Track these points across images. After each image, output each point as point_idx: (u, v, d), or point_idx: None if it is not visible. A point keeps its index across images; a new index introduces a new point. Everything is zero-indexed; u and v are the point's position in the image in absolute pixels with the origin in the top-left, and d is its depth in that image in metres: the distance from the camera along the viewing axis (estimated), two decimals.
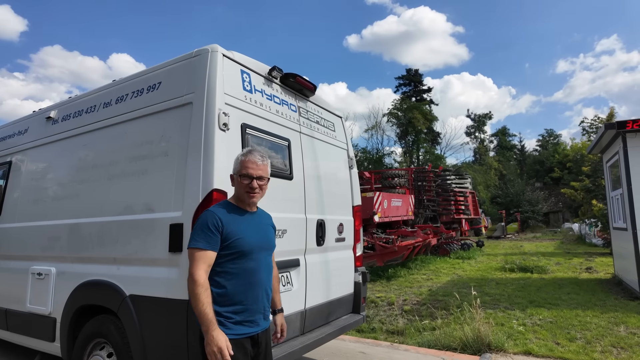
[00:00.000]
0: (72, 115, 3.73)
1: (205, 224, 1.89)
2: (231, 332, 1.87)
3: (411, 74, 47.00)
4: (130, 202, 2.99)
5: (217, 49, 2.86)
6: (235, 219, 1.98)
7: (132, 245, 2.91)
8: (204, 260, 1.86)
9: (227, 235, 1.91)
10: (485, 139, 53.28)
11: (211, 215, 1.92)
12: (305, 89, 3.71)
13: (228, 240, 1.91)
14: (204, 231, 1.88)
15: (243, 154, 2.07)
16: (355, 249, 4.26)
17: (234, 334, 1.87)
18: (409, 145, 43.16)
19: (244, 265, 1.95)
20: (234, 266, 1.93)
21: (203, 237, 1.88)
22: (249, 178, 2.00)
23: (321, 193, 3.80)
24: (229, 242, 1.91)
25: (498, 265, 11.13)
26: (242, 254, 1.94)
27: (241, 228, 1.97)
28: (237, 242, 1.93)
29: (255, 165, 2.02)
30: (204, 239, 1.87)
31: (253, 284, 1.97)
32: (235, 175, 2.05)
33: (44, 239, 3.62)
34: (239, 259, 1.94)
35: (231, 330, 1.88)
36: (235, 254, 1.93)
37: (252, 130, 2.99)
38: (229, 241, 1.92)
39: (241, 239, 1.94)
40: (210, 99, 2.69)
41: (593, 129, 17.08)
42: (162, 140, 2.89)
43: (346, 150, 4.40)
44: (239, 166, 2.04)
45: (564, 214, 38.95)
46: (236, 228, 1.95)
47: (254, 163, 2.02)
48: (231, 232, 1.93)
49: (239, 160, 2.05)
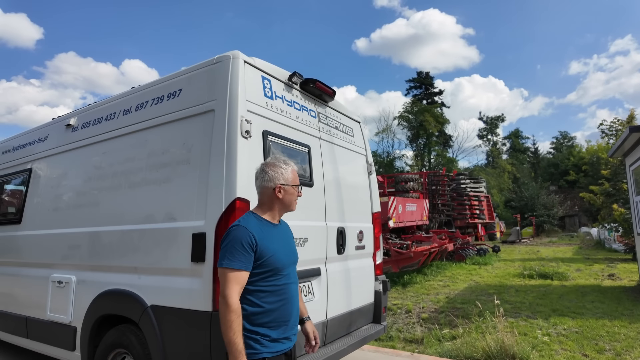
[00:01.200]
0: (91, 123, 3.73)
1: (239, 242, 1.79)
2: (268, 350, 1.82)
3: (422, 77, 46.69)
4: (151, 211, 2.96)
5: (238, 55, 2.82)
6: (267, 234, 1.91)
7: (153, 254, 2.87)
8: (238, 282, 1.77)
9: (260, 253, 1.84)
10: (498, 142, 52.60)
11: (245, 233, 1.82)
12: (325, 94, 3.65)
13: (262, 258, 1.84)
14: (238, 250, 1.78)
15: (286, 163, 2.02)
16: (375, 257, 4.17)
17: (271, 352, 1.83)
18: (420, 149, 42.81)
19: (277, 282, 1.89)
20: (267, 284, 1.86)
21: (237, 256, 1.78)
22: (298, 187, 2.03)
23: (341, 200, 3.73)
24: (262, 260, 1.84)
25: (516, 272, 10.88)
26: (275, 272, 1.88)
27: (273, 244, 1.90)
28: (270, 260, 1.86)
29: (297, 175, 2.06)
30: (239, 258, 1.78)
31: (286, 300, 1.91)
32: (289, 185, 1.97)
33: (64, 246, 3.62)
34: (273, 276, 1.87)
35: (268, 348, 1.83)
36: (269, 272, 1.86)
37: (273, 137, 2.94)
38: (263, 259, 1.84)
39: (274, 256, 1.87)
40: (233, 106, 2.65)
41: (612, 131, 16.66)
42: (184, 148, 2.85)
43: (365, 156, 4.33)
44: (290, 175, 1.99)
45: (580, 218, 38.12)
46: (268, 244, 1.88)
47: (296, 172, 2.05)
48: (264, 249, 1.85)
49: (289, 171, 2.00)
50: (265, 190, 1.96)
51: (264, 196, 1.97)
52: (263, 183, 1.96)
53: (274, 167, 1.97)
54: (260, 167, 2.00)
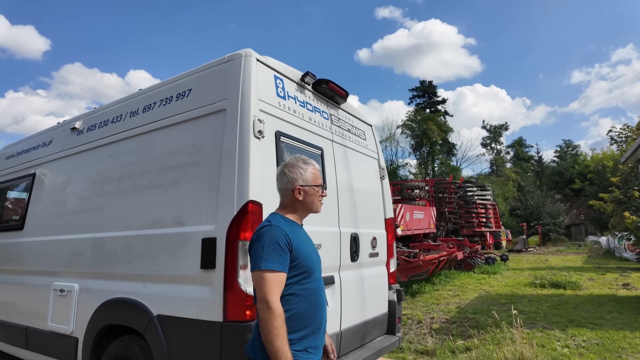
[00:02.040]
0: (97, 126, 3.63)
1: (275, 242, 1.66)
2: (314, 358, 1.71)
3: (425, 86, 46.75)
4: (158, 215, 2.83)
5: (250, 53, 2.72)
6: (297, 234, 1.79)
7: (160, 261, 2.74)
8: (279, 284, 1.63)
9: (296, 254, 1.71)
10: (502, 150, 52.39)
11: (279, 231, 1.69)
12: (338, 96, 3.54)
13: (297, 259, 1.71)
14: (275, 250, 1.64)
15: (306, 162, 1.90)
16: (389, 265, 4.00)
17: None
18: (423, 157, 42.63)
19: (310, 285, 1.75)
20: (301, 287, 1.72)
21: (275, 256, 1.63)
22: (322, 187, 1.91)
23: (354, 205, 3.59)
24: (298, 262, 1.71)
25: (527, 281, 10.63)
26: (308, 274, 1.75)
27: (304, 245, 1.79)
28: (304, 260, 1.74)
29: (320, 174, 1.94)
30: (277, 259, 1.63)
31: (318, 306, 1.78)
32: (308, 186, 1.86)
33: (67, 253, 3.48)
34: (306, 279, 1.74)
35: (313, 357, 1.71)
36: (303, 274, 1.73)
37: (285, 139, 2.82)
38: (298, 260, 1.72)
39: (307, 257, 1.76)
40: (245, 105, 2.53)
41: (622, 137, 16.44)
42: (193, 150, 2.73)
43: (377, 160, 4.20)
44: (310, 176, 1.87)
45: (586, 227, 37.69)
46: (301, 244, 1.76)
47: (319, 172, 1.93)
48: (299, 249, 1.73)
49: (309, 171, 1.88)
50: (286, 192, 1.86)
51: (286, 198, 1.87)
52: (282, 185, 1.86)
53: (292, 168, 1.86)
54: (280, 168, 1.90)
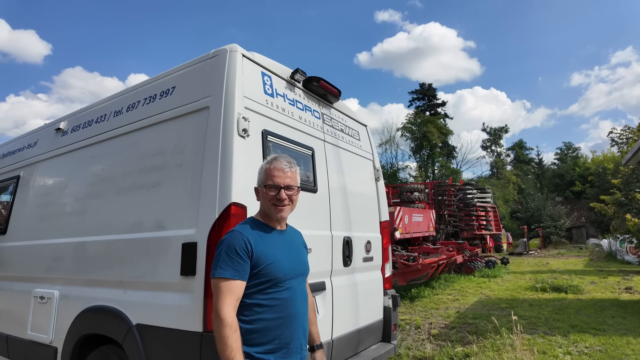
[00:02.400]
0: (81, 126, 3.50)
1: (231, 248, 1.58)
2: None
3: (425, 88, 46.70)
4: (139, 219, 2.70)
5: (236, 48, 2.59)
6: (265, 239, 1.67)
7: (140, 267, 2.60)
8: (233, 293, 1.54)
9: (257, 261, 1.60)
10: (502, 153, 52.25)
11: (238, 237, 1.61)
12: (330, 94, 3.41)
13: (259, 266, 1.60)
14: (230, 256, 1.57)
15: (268, 161, 1.78)
16: (384, 270, 3.86)
17: None
18: (423, 160, 42.51)
19: (278, 295, 1.63)
20: (266, 297, 1.61)
21: (230, 264, 1.56)
22: (275, 188, 1.71)
23: (347, 207, 3.45)
24: (260, 269, 1.60)
25: (528, 285, 10.47)
26: (275, 282, 1.63)
27: (272, 251, 1.66)
28: (269, 268, 1.62)
29: (282, 173, 1.73)
30: (232, 266, 1.56)
31: (288, 317, 1.64)
32: (260, 186, 1.76)
33: (48, 259, 3.34)
34: (272, 287, 1.62)
35: None
36: (268, 283, 1.61)
37: (273, 138, 2.69)
38: (260, 267, 1.60)
39: (273, 263, 1.63)
40: (229, 102, 2.41)
41: (623, 139, 16.30)
42: (176, 150, 2.60)
43: (372, 161, 4.07)
44: (263, 175, 1.75)
45: (587, 230, 37.48)
46: (267, 251, 1.64)
47: (280, 170, 1.73)
48: (262, 256, 1.61)
49: (264, 169, 1.76)
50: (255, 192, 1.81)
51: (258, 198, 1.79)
52: None
53: (260, 166, 1.80)
54: None
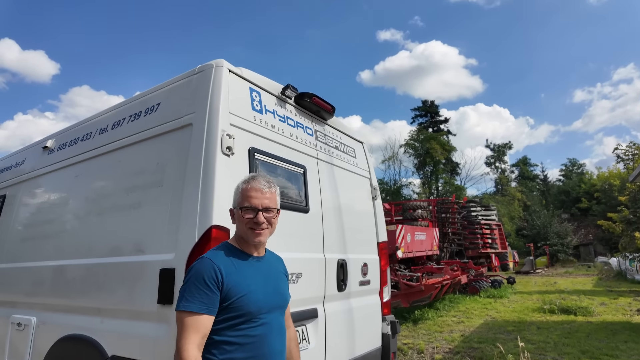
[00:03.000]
0: (67, 144, 3.40)
1: (199, 277, 1.41)
2: None
3: (427, 105, 46.89)
4: (119, 242, 2.55)
5: (222, 63, 2.50)
6: (239, 267, 1.51)
7: (118, 293, 2.44)
8: (197, 329, 1.37)
9: (228, 292, 1.43)
10: (506, 169, 51.94)
11: (207, 265, 1.44)
12: (323, 111, 3.30)
13: (230, 298, 1.43)
14: (198, 287, 1.40)
15: (244, 181, 1.64)
16: (382, 294, 3.66)
17: None
18: (427, 176, 42.29)
19: (251, 332, 1.46)
20: (237, 334, 1.44)
21: (197, 295, 1.40)
22: (252, 211, 1.56)
23: (342, 228, 3.29)
24: (230, 302, 1.43)
25: (535, 306, 10.12)
26: (248, 317, 1.46)
27: (246, 280, 1.49)
28: (241, 300, 1.45)
29: (260, 194, 1.58)
30: (199, 298, 1.39)
31: (262, 357, 1.48)
32: (236, 208, 1.60)
33: (28, 282, 3.19)
34: (244, 323, 1.45)
35: None
36: (240, 318, 1.45)
37: (261, 156, 2.56)
38: (231, 300, 1.43)
39: (246, 295, 1.46)
40: (213, 118, 2.29)
41: (629, 155, 16.09)
42: (158, 168, 2.48)
43: (369, 179, 3.92)
44: (239, 196, 1.60)
45: (595, 247, 36.77)
46: (240, 281, 1.47)
47: (258, 191, 1.58)
48: (234, 287, 1.45)
49: (240, 189, 1.62)
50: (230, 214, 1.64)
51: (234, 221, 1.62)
52: None
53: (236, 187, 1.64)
54: None
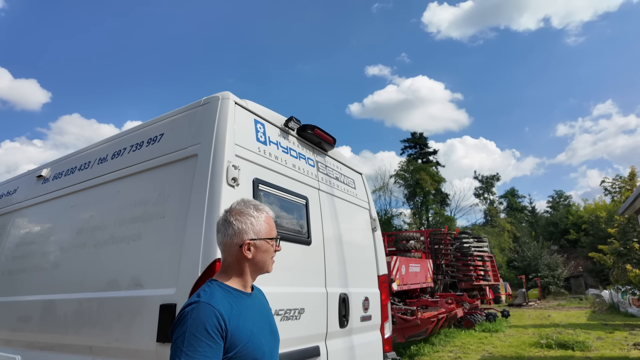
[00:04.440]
0: (64, 173, 3.34)
1: (199, 327, 1.23)
2: None
3: (416, 137, 47.84)
4: (115, 275, 2.46)
5: (228, 96, 2.52)
6: (239, 310, 1.37)
7: (113, 330, 2.32)
8: None
9: (232, 341, 1.29)
10: (495, 201, 52.57)
11: (209, 312, 1.26)
12: (324, 142, 3.33)
13: (235, 347, 1.29)
14: (199, 339, 1.21)
15: (257, 208, 1.50)
16: (383, 329, 3.56)
17: None
18: (417, 207, 42.46)
19: None
20: None
21: (199, 349, 1.20)
22: (276, 240, 1.52)
23: (343, 260, 3.23)
24: (235, 351, 1.29)
25: (532, 340, 9.94)
26: None
27: (247, 323, 1.36)
28: (247, 348, 1.32)
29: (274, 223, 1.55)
30: (202, 352, 1.20)
31: None
32: (261, 239, 1.44)
33: (14, 318, 3.03)
34: None
35: None
36: None
37: (265, 187, 2.54)
38: (236, 349, 1.29)
39: (250, 342, 1.33)
40: (219, 149, 2.28)
41: (616, 188, 16.42)
42: (160, 199, 2.43)
43: (368, 210, 3.91)
44: (264, 226, 1.47)
45: (585, 279, 36.80)
46: (242, 325, 1.34)
47: (273, 219, 1.55)
48: (237, 334, 1.31)
49: (261, 218, 1.47)
50: (231, 248, 1.44)
51: (229, 256, 1.45)
52: (226, 238, 1.44)
53: (240, 216, 1.45)
54: (223, 215, 1.49)
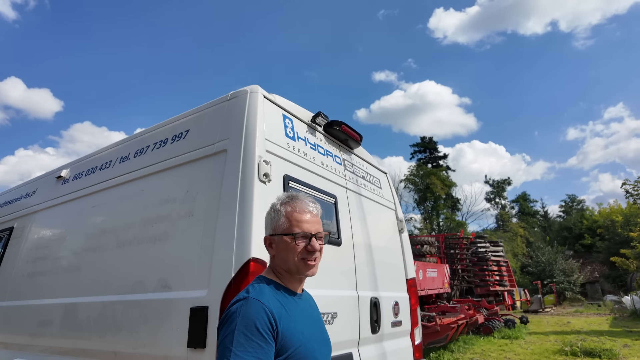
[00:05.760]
0: (84, 173, 3.27)
1: (250, 325, 1.14)
2: None
3: (425, 142, 47.53)
4: (141, 277, 2.35)
5: (257, 89, 2.42)
6: (289, 310, 1.25)
7: (139, 335, 2.21)
8: None
9: (284, 343, 1.18)
10: (507, 205, 51.82)
11: (258, 308, 1.17)
12: (351, 139, 3.21)
13: (286, 350, 1.18)
14: (249, 338, 1.12)
15: (284, 202, 1.38)
16: (414, 336, 3.40)
17: None
18: (428, 212, 42.05)
19: None
20: None
21: (250, 350, 1.11)
22: (304, 237, 1.31)
23: (372, 263, 3.09)
24: (287, 355, 1.18)
25: (555, 348, 9.60)
26: None
27: (299, 326, 1.25)
28: (299, 353, 1.20)
29: (310, 216, 1.35)
30: (253, 353, 1.11)
31: None
32: (280, 235, 1.33)
33: (34, 323, 2.93)
34: None
35: None
36: None
37: (295, 184, 2.42)
38: (288, 353, 1.18)
39: (303, 346, 1.21)
40: (249, 144, 2.18)
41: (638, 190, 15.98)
42: (187, 197, 2.33)
43: (394, 211, 3.76)
44: (284, 221, 1.33)
45: (602, 285, 35.94)
46: (293, 327, 1.22)
47: (307, 213, 1.35)
48: (289, 335, 1.20)
49: (283, 212, 1.35)
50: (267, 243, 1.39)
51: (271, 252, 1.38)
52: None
53: (269, 209, 1.40)
54: None
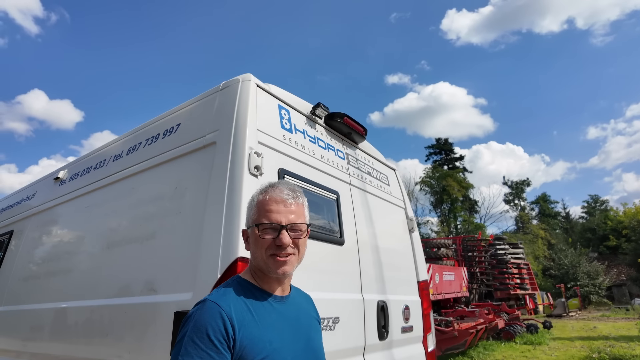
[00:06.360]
0: (80, 174, 3.17)
1: (200, 332, 1.00)
2: None
3: (441, 143, 46.81)
4: (128, 280, 2.21)
5: (249, 78, 2.27)
6: (257, 314, 1.09)
7: (125, 341, 2.06)
8: None
9: (243, 353, 1.02)
10: (526, 207, 50.50)
11: (212, 313, 1.03)
12: (355, 133, 3.02)
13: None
14: (198, 347, 0.98)
15: (261, 190, 1.22)
16: (426, 342, 3.16)
17: None
18: (445, 214, 41.27)
19: None
20: None
21: (197, 358, 0.98)
22: (273, 229, 1.14)
23: (379, 264, 2.88)
24: None
25: (581, 354, 9.11)
26: None
27: (268, 334, 1.07)
28: None
29: (282, 206, 1.16)
30: None
31: None
32: (250, 227, 1.18)
33: (26, 328, 2.83)
34: None
35: None
36: None
37: (291, 178, 2.24)
38: None
39: (270, 356, 1.04)
40: (239, 134, 2.01)
41: None
42: (176, 194, 2.18)
43: (404, 209, 3.54)
44: (254, 211, 1.18)
45: (629, 288, 34.48)
46: (259, 334, 1.06)
47: (280, 202, 1.17)
48: (251, 344, 1.03)
49: (255, 202, 1.20)
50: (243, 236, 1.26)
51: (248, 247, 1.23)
52: None
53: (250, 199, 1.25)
54: None
